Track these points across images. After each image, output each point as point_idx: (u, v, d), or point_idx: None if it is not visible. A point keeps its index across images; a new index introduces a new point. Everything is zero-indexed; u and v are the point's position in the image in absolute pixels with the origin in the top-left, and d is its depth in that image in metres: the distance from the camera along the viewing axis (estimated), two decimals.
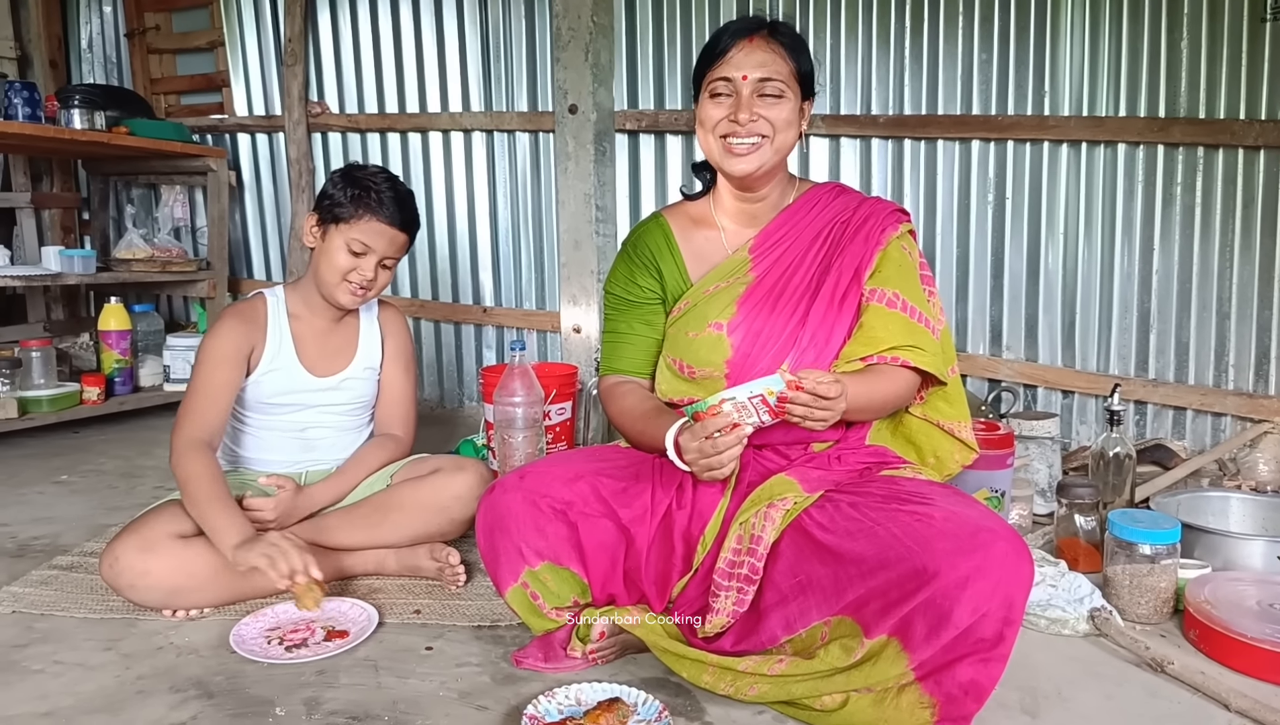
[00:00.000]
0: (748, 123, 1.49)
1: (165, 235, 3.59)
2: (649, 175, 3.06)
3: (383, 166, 1.96)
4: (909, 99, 2.72)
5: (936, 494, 1.33)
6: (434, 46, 3.30)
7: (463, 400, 3.50)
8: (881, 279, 1.55)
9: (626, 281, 1.69)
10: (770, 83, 1.50)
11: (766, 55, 1.50)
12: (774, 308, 1.55)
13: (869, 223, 1.58)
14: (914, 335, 1.52)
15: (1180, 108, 2.44)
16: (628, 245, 1.72)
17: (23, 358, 2.94)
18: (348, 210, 1.79)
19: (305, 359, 1.89)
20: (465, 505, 1.78)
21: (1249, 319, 2.44)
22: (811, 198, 1.65)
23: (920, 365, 1.51)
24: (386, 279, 1.87)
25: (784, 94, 1.51)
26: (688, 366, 1.57)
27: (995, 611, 1.16)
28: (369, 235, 1.79)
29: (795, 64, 1.52)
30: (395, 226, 1.81)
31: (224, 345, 1.81)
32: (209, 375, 1.79)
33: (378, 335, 1.99)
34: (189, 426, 1.73)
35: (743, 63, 1.50)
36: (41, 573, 1.85)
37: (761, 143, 1.52)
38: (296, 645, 1.51)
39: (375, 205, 1.79)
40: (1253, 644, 1.42)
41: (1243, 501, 1.99)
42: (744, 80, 1.50)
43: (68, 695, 1.37)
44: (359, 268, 1.80)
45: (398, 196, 1.82)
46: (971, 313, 2.75)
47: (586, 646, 1.41)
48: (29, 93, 2.95)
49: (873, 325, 1.51)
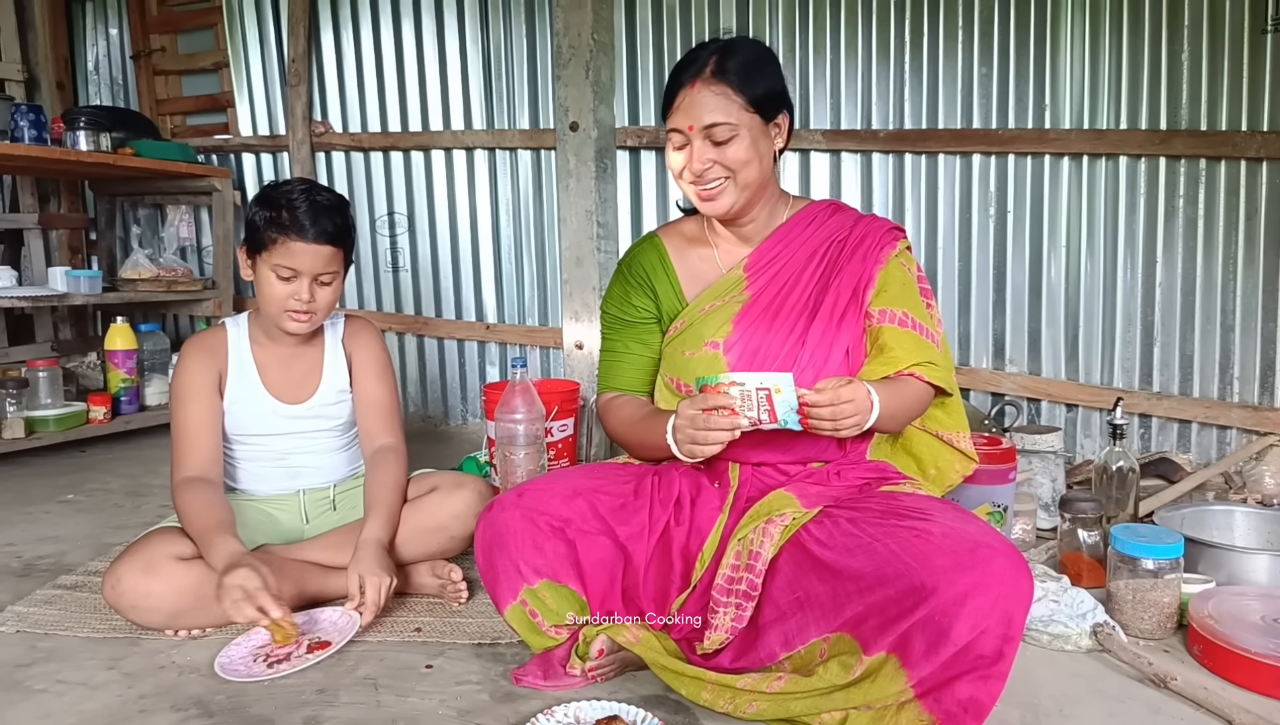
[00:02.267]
0: (702, 171, 1.49)
1: (171, 255, 3.62)
2: (650, 191, 3.08)
3: (304, 178, 1.86)
4: (909, 113, 2.73)
5: (935, 510, 1.33)
6: (436, 65, 3.33)
7: (466, 417, 3.51)
8: (888, 299, 1.55)
9: (622, 301, 1.69)
10: (717, 128, 1.47)
11: (710, 99, 1.46)
12: (771, 326, 1.55)
13: (866, 241, 1.59)
14: (925, 351, 1.53)
15: (1181, 120, 2.44)
16: (623, 266, 1.72)
17: (29, 378, 2.95)
18: (264, 236, 1.69)
19: (271, 386, 1.85)
20: (464, 523, 1.78)
21: (1253, 331, 2.43)
22: (806, 216, 1.65)
23: (934, 380, 1.52)
24: (330, 297, 1.77)
25: (735, 133, 1.47)
26: (685, 385, 1.58)
27: (994, 628, 1.15)
28: (291, 257, 1.69)
29: (745, 96, 1.48)
30: (317, 242, 1.69)
31: (190, 379, 1.79)
32: (184, 414, 1.77)
33: (343, 356, 1.91)
34: (179, 469, 1.74)
35: (688, 111, 1.48)
36: (46, 592, 1.85)
37: (725, 184, 1.51)
38: (280, 660, 1.51)
39: (290, 225, 1.68)
40: (1257, 659, 1.40)
41: (1247, 515, 1.98)
42: (691, 130, 1.48)
43: (70, 714, 1.38)
44: (294, 293, 1.71)
45: (314, 209, 1.69)
46: (974, 326, 2.74)
47: (586, 664, 1.40)
48: (35, 115, 2.99)
49: (891, 346, 1.52)
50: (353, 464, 1.99)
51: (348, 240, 1.79)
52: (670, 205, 3.04)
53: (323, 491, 1.94)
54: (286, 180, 1.78)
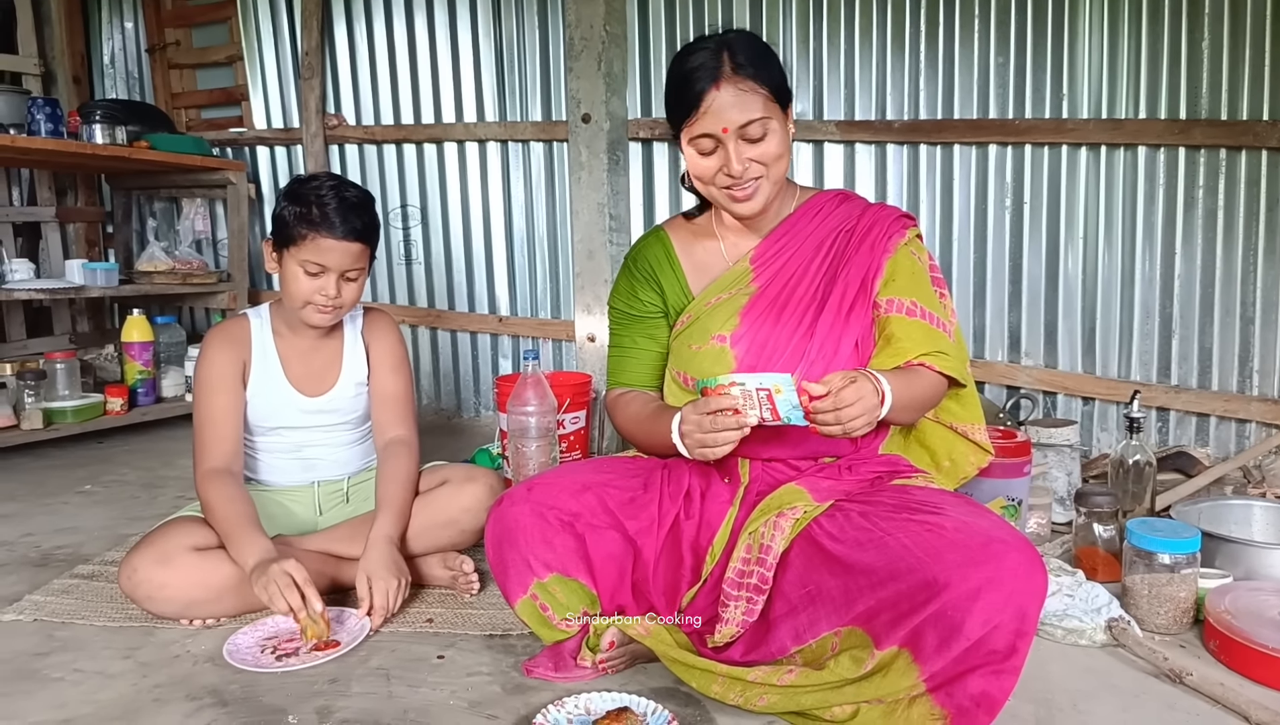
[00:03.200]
0: (742, 173, 1.46)
1: (186, 248, 3.64)
2: (663, 183, 3.07)
3: (332, 173, 1.83)
4: (924, 103, 2.70)
5: (948, 504, 1.32)
6: (449, 57, 3.33)
7: (479, 409, 3.51)
8: (896, 288, 1.53)
9: (628, 296, 1.68)
10: (752, 125, 1.43)
11: (739, 97, 1.42)
12: (779, 319, 1.53)
13: (874, 230, 1.56)
14: (935, 341, 1.50)
15: (1201, 109, 2.40)
16: (629, 260, 1.71)
17: (47, 369, 2.98)
18: (294, 231, 1.70)
19: (293, 378, 1.85)
20: (475, 517, 1.79)
21: (1274, 324, 2.40)
22: (814, 205, 1.62)
23: (945, 370, 1.49)
24: (355, 292, 1.79)
25: (768, 128, 1.44)
26: (691, 379, 1.57)
27: (1008, 623, 1.14)
28: (320, 253, 1.70)
29: (768, 87, 1.44)
30: (347, 239, 1.71)
31: (214, 369, 1.80)
32: (208, 404, 1.78)
33: (362, 349, 1.92)
34: (203, 460, 1.75)
35: (719, 114, 1.42)
36: (63, 581, 1.87)
37: (760, 182, 1.49)
38: (287, 655, 1.52)
39: (320, 221, 1.69)
40: (1274, 655, 1.39)
41: (1266, 510, 1.95)
42: (725, 133, 1.43)
43: (86, 703, 1.39)
44: (321, 288, 1.73)
45: (344, 206, 1.71)
46: (990, 319, 2.72)
47: (596, 656, 1.41)
48: (51, 109, 3.00)
49: (898, 336, 1.49)
50: (367, 457, 2.00)
51: (374, 237, 1.80)
52: (683, 197, 3.02)
53: (336, 483, 1.95)
54: (314, 175, 1.78)
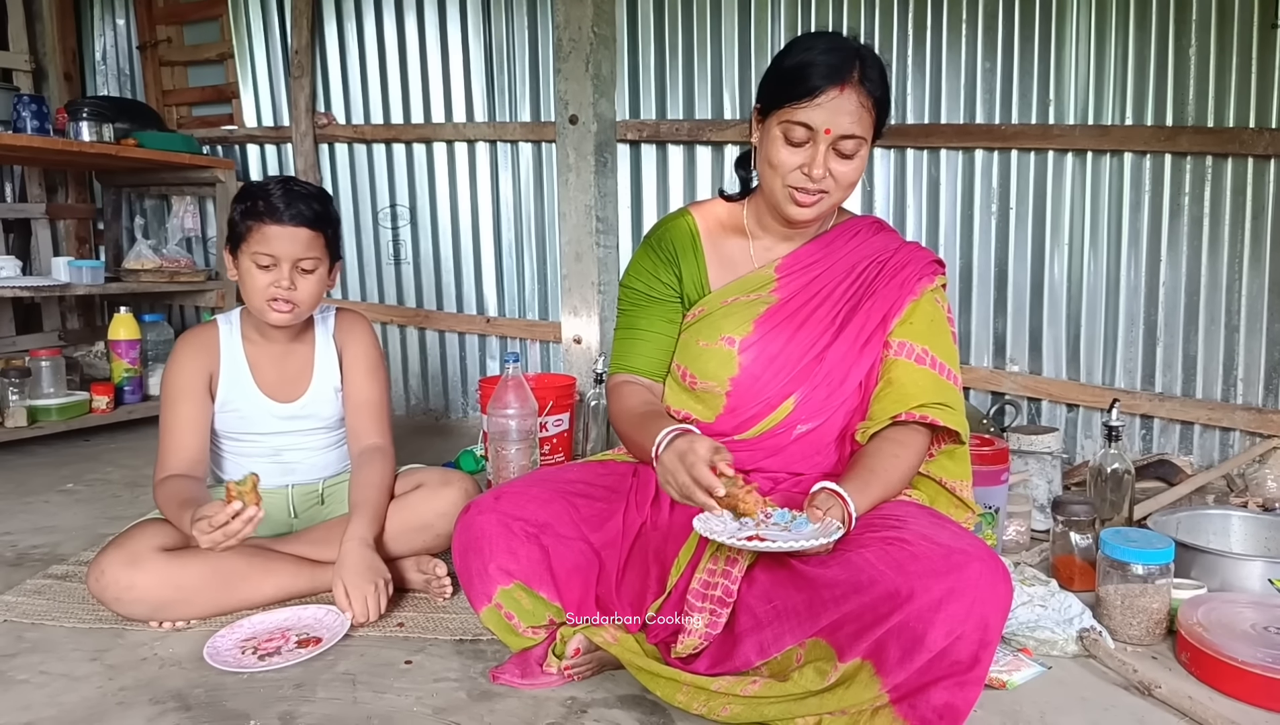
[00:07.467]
0: (820, 180, 1.42)
1: (175, 246, 3.63)
2: (650, 186, 3.06)
3: (283, 175, 1.85)
4: (911, 108, 2.70)
5: (911, 517, 1.31)
6: (438, 58, 3.32)
7: (466, 410, 3.51)
8: (910, 332, 1.50)
9: (649, 276, 1.62)
10: (849, 140, 1.40)
11: (855, 108, 1.38)
12: (794, 334, 1.50)
13: (906, 270, 1.53)
14: (943, 393, 1.47)
15: (1188, 116, 2.40)
16: (652, 239, 1.64)
17: (32, 367, 2.97)
18: (242, 227, 1.71)
19: (263, 384, 1.84)
20: (449, 521, 1.75)
21: (1259, 332, 2.40)
22: (850, 228, 1.59)
23: (950, 424, 1.45)
24: (313, 287, 1.76)
25: (860, 150, 1.42)
26: (691, 375, 1.55)
27: (970, 634, 1.14)
28: (267, 242, 1.70)
29: (876, 114, 1.42)
30: (293, 224, 1.70)
31: (180, 379, 1.79)
32: (173, 414, 1.78)
33: (334, 352, 1.90)
34: (163, 467, 1.76)
35: (831, 115, 1.38)
36: (36, 582, 1.86)
37: (827, 196, 1.45)
38: (270, 654, 1.52)
39: (265, 211, 1.69)
40: (1244, 668, 1.38)
41: (1244, 520, 1.95)
42: (825, 134, 1.39)
43: (50, 706, 1.38)
44: (275, 281, 1.71)
45: (289, 195, 1.71)
46: (975, 325, 2.71)
47: (562, 663, 1.40)
48: (38, 105, 3.00)
49: (902, 382, 1.47)
50: (344, 461, 1.98)
51: (327, 227, 1.78)
52: (670, 199, 3.02)
53: (311, 486, 1.94)
54: (262, 179, 1.79)
